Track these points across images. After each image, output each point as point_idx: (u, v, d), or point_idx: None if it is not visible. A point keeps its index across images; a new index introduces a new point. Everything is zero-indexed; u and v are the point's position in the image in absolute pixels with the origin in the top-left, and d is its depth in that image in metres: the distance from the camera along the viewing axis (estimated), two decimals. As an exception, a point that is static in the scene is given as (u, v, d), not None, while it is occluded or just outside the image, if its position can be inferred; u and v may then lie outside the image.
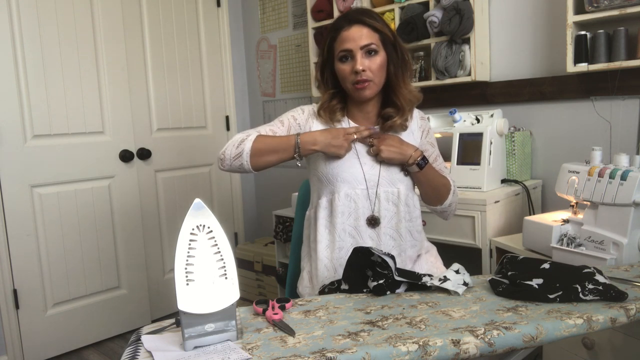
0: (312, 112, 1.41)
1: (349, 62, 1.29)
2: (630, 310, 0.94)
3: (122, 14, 2.67)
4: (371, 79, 1.29)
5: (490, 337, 0.86)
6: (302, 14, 2.97)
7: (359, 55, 1.27)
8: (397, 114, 1.35)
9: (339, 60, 1.30)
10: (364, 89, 1.30)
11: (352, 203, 1.33)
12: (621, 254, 1.33)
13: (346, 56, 1.29)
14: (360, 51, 1.27)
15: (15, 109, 2.32)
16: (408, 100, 1.35)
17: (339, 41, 1.29)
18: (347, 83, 1.31)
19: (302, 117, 1.40)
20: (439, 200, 1.39)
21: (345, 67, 1.30)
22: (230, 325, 0.91)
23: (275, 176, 3.30)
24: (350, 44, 1.27)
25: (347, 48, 1.27)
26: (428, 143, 1.45)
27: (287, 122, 1.39)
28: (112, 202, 2.68)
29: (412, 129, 1.41)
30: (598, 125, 1.91)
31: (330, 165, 1.34)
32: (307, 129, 1.38)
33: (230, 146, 1.29)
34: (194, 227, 0.90)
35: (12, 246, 2.33)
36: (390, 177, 1.35)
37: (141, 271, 2.81)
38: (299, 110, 1.42)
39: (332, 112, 1.37)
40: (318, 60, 1.39)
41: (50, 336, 2.47)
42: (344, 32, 1.28)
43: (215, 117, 3.20)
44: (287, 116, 1.41)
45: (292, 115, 1.40)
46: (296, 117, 1.40)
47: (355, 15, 1.29)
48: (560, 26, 1.92)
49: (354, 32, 1.27)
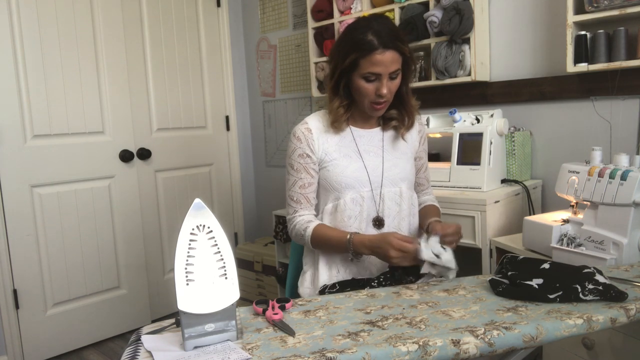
0: (307, 129, 1.36)
1: (374, 83, 1.27)
2: (630, 310, 0.94)
3: (122, 14, 2.67)
4: (389, 100, 1.31)
5: (490, 337, 0.86)
6: (302, 14, 2.97)
7: (385, 80, 1.26)
8: (400, 117, 1.39)
9: (363, 79, 1.27)
10: (381, 110, 1.33)
11: (357, 207, 1.35)
12: (621, 254, 1.33)
13: (372, 78, 1.26)
14: (387, 76, 1.26)
15: (15, 109, 2.32)
16: (415, 109, 1.40)
17: (369, 62, 1.24)
18: (364, 100, 1.30)
19: (306, 145, 1.35)
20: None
21: (369, 86, 1.27)
22: (230, 325, 0.91)
23: (275, 176, 3.30)
24: (381, 69, 1.24)
25: (378, 72, 1.25)
26: (424, 151, 1.51)
27: (301, 166, 1.36)
28: (112, 202, 2.68)
29: (412, 133, 1.45)
30: (598, 125, 1.91)
31: (335, 172, 1.35)
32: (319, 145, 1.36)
33: (294, 234, 1.40)
34: (194, 227, 0.90)
35: (12, 246, 2.33)
36: (392, 176, 1.38)
37: (141, 271, 2.81)
38: (296, 143, 1.36)
39: (340, 125, 1.36)
40: (334, 68, 1.32)
41: (50, 336, 2.47)
42: (378, 56, 1.23)
43: (215, 117, 3.20)
44: (295, 160, 1.36)
45: (298, 155, 1.36)
46: (302, 152, 1.36)
47: (391, 40, 1.24)
48: (560, 26, 1.92)
49: (387, 57, 1.23)
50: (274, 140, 3.28)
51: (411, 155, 1.45)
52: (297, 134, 1.37)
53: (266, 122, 3.32)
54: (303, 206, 1.37)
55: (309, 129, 1.36)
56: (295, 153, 1.37)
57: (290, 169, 1.38)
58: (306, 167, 1.36)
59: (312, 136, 1.36)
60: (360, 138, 1.38)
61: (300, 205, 1.37)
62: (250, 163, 3.47)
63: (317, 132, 1.36)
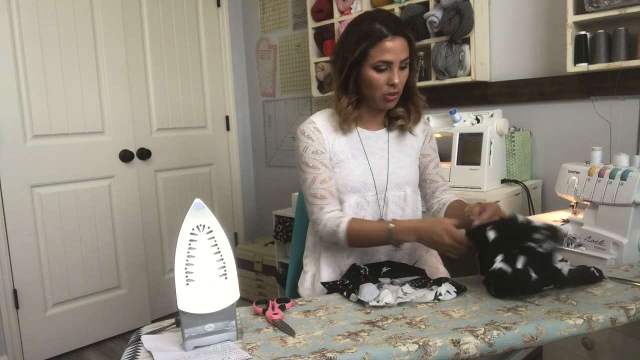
0: (315, 128, 1.32)
1: (385, 73, 1.24)
2: (630, 310, 0.94)
3: (122, 14, 2.67)
4: (400, 91, 1.29)
5: (490, 337, 0.86)
6: (302, 14, 2.97)
7: (397, 69, 1.24)
8: (407, 115, 1.37)
9: (374, 69, 1.24)
10: (393, 101, 1.29)
11: (362, 211, 1.33)
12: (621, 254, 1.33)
13: (383, 67, 1.23)
14: (399, 64, 1.24)
15: (15, 109, 2.32)
16: (421, 106, 1.37)
17: (380, 50, 1.21)
18: (376, 92, 1.26)
19: (318, 143, 1.31)
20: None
21: (380, 77, 1.24)
22: (230, 325, 0.91)
23: (275, 176, 3.30)
24: (392, 56, 1.22)
25: (389, 60, 1.22)
26: (431, 148, 1.47)
27: (317, 162, 1.30)
28: (112, 202, 2.68)
29: (416, 132, 1.43)
30: (598, 125, 1.91)
31: (341, 175, 1.32)
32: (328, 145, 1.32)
33: (325, 234, 1.28)
34: (194, 227, 0.90)
35: (12, 246, 2.33)
36: (397, 180, 1.36)
37: (141, 271, 2.81)
38: (308, 141, 1.31)
39: (349, 125, 1.32)
40: (343, 62, 1.28)
41: (50, 336, 2.47)
42: (388, 43, 1.21)
43: (215, 117, 3.20)
44: (310, 158, 1.30)
45: (312, 152, 1.30)
46: (316, 149, 1.30)
47: (398, 26, 1.23)
48: (560, 26, 1.92)
49: (397, 44, 1.22)
50: (274, 140, 3.28)
51: (416, 157, 1.43)
52: (307, 132, 1.31)
53: (266, 122, 3.32)
54: (328, 201, 1.29)
55: (317, 128, 1.32)
56: (308, 150, 1.30)
57: (306, 167, 1.30)
58: (323, 162, 1.30)
59: (322, 135, 1.32)
60: (366, 139, 1.36)
61: (326, 200, 1.29)
62: (250, 163, 3.47)
63: (325, 132, 1.32)
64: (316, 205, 1.29)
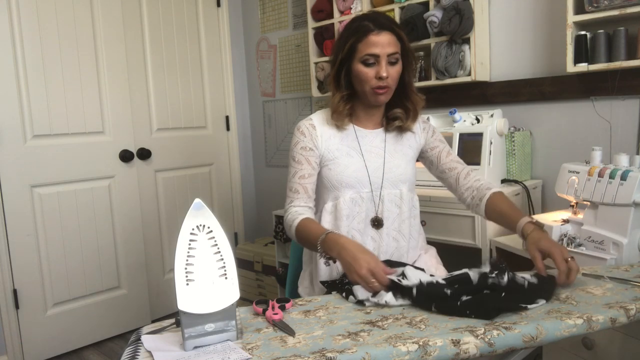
0: (311, 125, 1.37)
1: (373, 67, 1.27)
2: (630, 310, 0.94)
3: (122, 14, 2.67)
4: (390, 86, 1.30)
5: (490, 337, 0.86)
6: (302, 14, 2.97)
7: (384, 62, 1.26)
8: (405, 116, 1.38)
9: (362, 63, 1.27)
10: (383, 95, 1.30)
11: (356, 207, 1.35)
12: (621, 254, 1.33)
13: (371, 61, 1.27)
14: (386, 58, 1.26)
15: (15, 109, 2.32)
16: (419, 104, 1.38)
17: (366, 44, 1.26)
18: (366, 86, 1.29)
19: (310, 140, 1.35)
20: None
21: (368, 70, 1.27)
22: (230, 325, 0.91)
23: (275, 176, 3.30)
24: (379, 50, 1.25)
25: (375, 53, 1.26)
26: (437, 140, 1.47)
27: (303, 157, 1.35)
28: (112, 202, 2.68)
29: (416, 131, 1.44)
30: (598, 125, 1.91)
31: (336, 171, 1.34)
32: (322, 142, 1.35)
33: (286, 227, 1.35)
34: (194, 227, 0.90)
35: (12, 246, 2.33)
36: (393, 178, 1.37)
37: (141, 271, 2.81)
38: (300, 136, 1.36)
39: (340, 119, 1.35)
40: (335, 58, 1.34)
41: (50, 336, 2.47)
42: (373, 37, 1.25)
43: (215, 117, 3.20)
44: (298, 152, 1.36)
45: (301, 148, 1.36)
46: (305, 145, 1.35)
47: (385, 22, 1.27)
48: (560, 26, 1.92)
49: (383, 38, 1.25)
50: (274, 140, 3.28)
51: (413, 157, 1.44)
52: (302, 128, 1.37)
53: (266, 122, 3.32)
54: (300, 196, 1.34)
55: (313, 125, 1.37)
56: (297, 146, 1.36)
57: (292, 161, 1.37)
58: (308, 158, 1.35)
59: (316, 132, 1.36)
60: (363, 138, 1.38)
61: (298, 195, 1.34)
62: (250, 163, 3.47)
63: (321, 129, 1.36)
64: (289, 197, 1.36)
